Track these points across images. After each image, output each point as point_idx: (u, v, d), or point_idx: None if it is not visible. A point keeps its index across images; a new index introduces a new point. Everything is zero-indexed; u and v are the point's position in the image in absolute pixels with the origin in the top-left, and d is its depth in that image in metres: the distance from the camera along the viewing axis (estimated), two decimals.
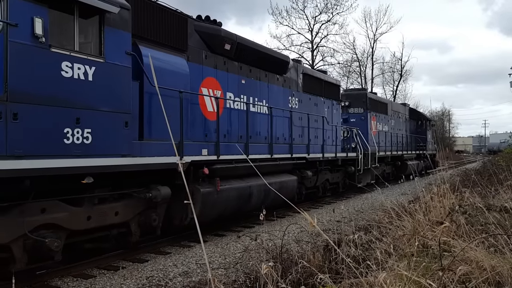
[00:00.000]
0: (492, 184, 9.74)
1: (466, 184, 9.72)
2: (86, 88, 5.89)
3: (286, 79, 12.18)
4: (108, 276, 6.31)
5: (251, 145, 9.87)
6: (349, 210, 11.30)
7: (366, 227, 7.78)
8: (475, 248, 4.57)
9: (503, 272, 4.08)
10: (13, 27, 5.05)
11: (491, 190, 9.03)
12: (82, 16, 5.96)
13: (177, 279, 6.12)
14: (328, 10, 37.38)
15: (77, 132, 5.77)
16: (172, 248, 7.99)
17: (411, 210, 6.85)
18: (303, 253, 5.80)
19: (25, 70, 5.15)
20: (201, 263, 6.88)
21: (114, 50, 6.36)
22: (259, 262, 5.56)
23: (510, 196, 8.12)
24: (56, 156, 5.49)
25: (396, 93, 48.34)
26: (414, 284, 3.79)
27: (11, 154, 5.01)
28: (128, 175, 6.82)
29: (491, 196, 8.68)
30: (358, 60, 43.51)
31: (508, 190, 8.86)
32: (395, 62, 46.73)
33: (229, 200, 8.92)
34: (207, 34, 9.15)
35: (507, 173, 10.49)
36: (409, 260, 4.47)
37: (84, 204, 6.22)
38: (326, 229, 8.14)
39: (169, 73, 7.75)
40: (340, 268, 4.86)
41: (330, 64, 39.00)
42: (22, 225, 5.38)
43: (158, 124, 7.34)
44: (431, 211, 6.83)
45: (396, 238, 5.87)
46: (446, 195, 7.49)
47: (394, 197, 10.19)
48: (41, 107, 5.33)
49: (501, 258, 4.42)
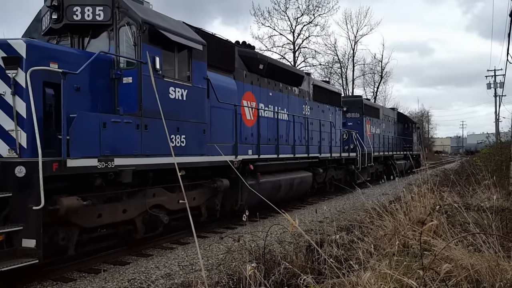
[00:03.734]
0: (470, 184, 9.82)
1: (445, 184, 9.86)
2: (182, 106, 8.06)
3: (301, 90, 14.43)
4: (89, 279, 6.26)
5: (278, 147, 12.10)
6: (331, 210, 11.22)
7: (348, 227, 7.76)
8: (455, 247, 4.63)
9: (481, 270, 4.15)
10: (143, 64, 7.18)
11: (469, 190, 9.22)
12: (178, 53, 8.10)
13: (160, 281, 6.10)
14: (309, 12, 38.09)
15: (178, 138, 7.93)
16: (154, 250, 8.03)
17: (392, 210, 6.82)
18: (286, 253, 5.81)
19: (150, 95, 7.27)
20: (183, 265, 6.89)
21: (197, 76, 8.52)
22: (242, 263, 5.53)
23: (487, 195, 8.35)
24: (166, 155, 7.63)
25: (376, 94, 49.09)
26: (396, 283, 3.84)
27: (143, 154, 7.15)
28: (198, 170, 8.97)
29: (469, 195, 8.85)
30: (339, 62, 44.14)
31: (485, 189, 9.09)
32: (376, 64, 47.70)
33: (266, 191, 11.10)
34: (247, 57, 11.34)
35: (485, 173, 10.76)
36: (390, 260, 4.49)
37: (176, 191, 8.35)
38: (309, 230, 7.93)
39: (225, 90, 9.91)
40: (323, 268, 4.87)
41: (312, 65, 39.68)
42: (144, 204, 7.52)
43: (219, 130, 9.51)
44: (411, 211, 6.84)
45: (378, 238, 5.90)
46: (426, 195, 7.51)
47: (375, 197, 10.18)
48: (158, 120, 7.46)
49: (479, 256, 4.48)
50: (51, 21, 7.39)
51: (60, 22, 7.33)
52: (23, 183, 5.50)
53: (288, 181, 12.08)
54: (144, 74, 7.19)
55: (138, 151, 7.09)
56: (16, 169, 5.50)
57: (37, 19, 8.17)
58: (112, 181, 6.74)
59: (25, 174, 5.49)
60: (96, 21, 7.32)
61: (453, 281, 3.95)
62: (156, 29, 7.40)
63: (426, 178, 9.41)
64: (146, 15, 7.41)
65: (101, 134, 6.37)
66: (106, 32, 7.45)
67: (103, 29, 7.46)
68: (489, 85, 47.43)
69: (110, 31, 7.39)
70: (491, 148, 23.95)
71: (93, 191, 6.59)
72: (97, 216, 6.67)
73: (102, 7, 7.27)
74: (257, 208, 11.56)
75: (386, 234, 5.88)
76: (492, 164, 15.18)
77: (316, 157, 14.34)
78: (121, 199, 7.18)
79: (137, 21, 7.17)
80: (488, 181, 9.51)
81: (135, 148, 7.02)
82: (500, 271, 4.17)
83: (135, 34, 7.17)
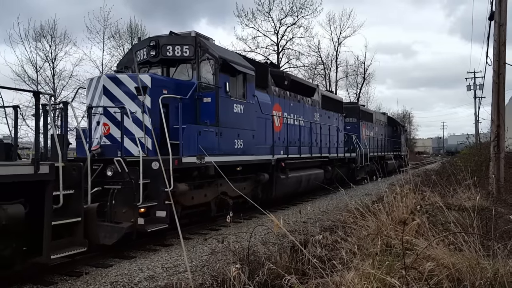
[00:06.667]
0: (451, 184, 9.86)
1: (427, 184, 9.80)
2: (241, 117, 10.74)
3: (313, 100, 17.19)
4: (70, 282, 6.20)
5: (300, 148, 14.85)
6: (315, 211, 11.33)
7: (331, 227, 7.74)
8: (436, 247, 4.65)
9: (462, 269, 4.20)
10: (219, 88, 9.83)
11: (450, 190, 9.26)
12: (238, 77, 10.78)
13: (143, 283, 6.10)
14: (293, 13, 37.96)
15: (238, 142, 10.61)
16: (137, 252, 7.99)
17: (375, 210, 6.85)
18: (270, 254, 5.80)
19: (223, 110, 9.92)
20: (167, 267, 6.90)
21: (249, 94, 11.22)
22: (226, 264, 5.56)
23: (468, 195, 8.48)
24: (232, 155, 10.29)
25: (359, 96, 49.01)
26: (379, 282, 3.89)
27: (220, 154, 9.81)
28: (247, 166, 11.63)
29: (450, 195, 8.92)
30: (322, 63, 43.94)
31: (466, 189, 9.19)
32: (359, 65, 47.71)
33: (292, 184, 13.84)
34: (276, 76, 14.07)
35: (465, 173, 10.90)
36: (373, 259, 4.50)
37: (234, 182, 11.01)
38: (293, 230, 7.82)
39: (263, 104, 12.61)
40: (307, 268, 4.87)
41: (296, 66, 39.62)
42: (217, 191, 10.18)
43: (261, 135, 12.21)
44: (394, 211, 6.86)
45: (361, 238, 5.91)
46: (408, 195, 7.55)
47: (359, 197, 10.35)
48: (227, 129, 10.12)
49: (460, 255, 4.51)
50: (149, 56, 10.01)
51: (157, 57, 9.97)
52: (156, 173, 8.11)
53: (307, 177, 14.85)
54: (220, 96, 9.85)
55: (217, 151, 9.75)
56: (152, 164, 8.11)
57: (130, 53, 10.79)
58: (202, 173, 9.38)
59: (158, 167, 8.11)
60: (183, 57, 9.96)
61: (434, 280, 4.00)
62: (227, 62, 10.08)
63: (408, 178, 9.60)
64: (220, 52, 10.11)
65: (198, 140, 9.03)
66: (190, 64, 10.09)
67: (187, 62, 10.10)
68: (469, 87, 48.83)
69: (193, 64, 10.03)
70: (471, 148, 24.21)
71: (190, 180, 9.23)
72: (191, 198, 9.31)
73: (188, 46, 9.90)
74: (284, 197, 14.36)
75: (369, 234, 5.92)
76: (472, 165, 15.21)
77: (326, 157, 17.14)
78: (203, 186, 9.82)
79: (215, 57, 9.84)
80: (469, 181, 9.65)
81: (215, 149, 9.68)
82: (480, 270, 4.19)
83: (214, 67, 9.83)
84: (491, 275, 4.09)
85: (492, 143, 12.31)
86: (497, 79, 12.09)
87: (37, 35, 30.89)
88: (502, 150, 12.17)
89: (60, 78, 32.23)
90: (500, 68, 12.00)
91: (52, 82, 31.77)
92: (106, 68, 32.28)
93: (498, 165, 12.06)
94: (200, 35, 10.37)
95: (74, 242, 6.25)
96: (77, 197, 6.24)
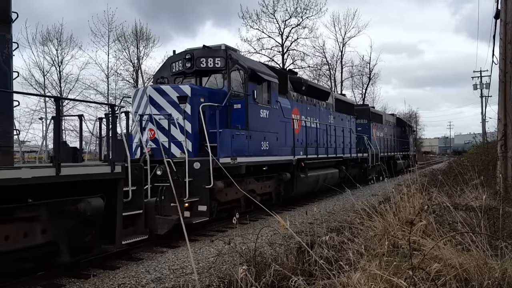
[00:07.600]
0: (458, 184, 9.81)
1: (433, 184, 9.79)
2: (266, 121, 11.81)
3: (327, 104, 18.23)
4: (79, 284, 6.26)
5: (318, 149, 15.90)
6: (321, 212, 11.27)
7: (338, 228, 7.75)
8: (443, 247, 4.63)
9: (470, 269, 4.18)
10: (249, 96, 10.91)
11: (457, 190, 9.22)
12: (263, 85, 11.85)
13: (150, 285, 6.14)
14: (297, 14, 37.97)
15: (264, 144, 11.67)
16: (145, 254, 8.02)
17: (381, 211, 6.85)
18: (276, 255, 5.83)
19: (252, 116, 10.99)
20: (174, 268, 6.96)
21: (273, 100, 12.29)
22: (232, 266, 5.57)
23: (475, 195, 8.42)
24: (259, 156, 11.36)
25: (365, 96, 48.70)
26: (386, 283, 3.88)
27: (249, 155, 10.89)
28: (271, 166, 12.69)
29: (457, 195, 8.89)
30: (327, 64, 43.67)
31: (473, 189, 9.17)
32: (364, 66, 47.22)
33: (310, 183, 14.89)
34: (294, 82, 15.14)
35: (472, 172, 10.80)
36: (380, 260, 4.49)
37: (260, 181, 12.07)
38: (299, 231, 7.74)
39: (285, 108, 13.67)
40: (313, 269, 4.88)
41: (301, 67, 39.41)
42: (246, 188, 11.24)
43: (283, 137, 13.27)
44: (401, 211, 6.85)
45: (368, 239, 5.91)
46: (415, 195, 7.54)
47: (365, 198, 10.35)
48: (255, 132, 11.19)
49: (467, 255, 4.49)
50: (185, 67, 11.12)
51: (192, 68, 11.08)
52: (198, 172, 9.19)
53: (323, 176, 15.90)
54: (249, 103, 10.93)
55: (247, 153, 10.83)
56: (194, 164, 9.20)
57: (165, 65, 11.91)
58: (234, 172, 10.45)
59: (199, 167, 9.20)
60: (215, 68, 11.05)
61: (442, 280, 3.98)
62: (255, 72, 11.17)
63: (415, 178, 9.57)
64: (248, 63, 11.20)
65: (231, 143, 10.11)
66: (221, 74, 11.18)
67: (218, 72, 11.19)
68: (475, 86, 48.23)
69: (224, 74, 11.11)
70: (478, 148, 24.03)
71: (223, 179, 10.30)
72: (225, 195, 10.38)
73: (220, 58, 10.99)
74: (304, 195, 15.42)
75: (376, 234, 5.92)
76: (479, 164, 14.95)
77: (340, 157, 18.18)
78: (233, 185, 10.87)
79: (244, 67, 10.92)
80: (476, 180, 9.54)
81: (246, 151, 10.76)
82: (488, 270, 4.18)
83: (243, 76, 10.91)
84: (499, 275, 4.08)
85: (499, 142, 12.14)
86: (503, 78, 11.83)
87: (44, 39, 31.87)
88: (509, 149, 11.90)
89: (67, 82, 33.22)
90: (507, 66, 11.73)
91: (58, 85, 32.79)
92: (112, 71, 32.85)
93: (506, 164, 11.92)
94: (229, 47, 11.46)
95: (137, 231, 7.34)
96: (139, 193, 7.33)
